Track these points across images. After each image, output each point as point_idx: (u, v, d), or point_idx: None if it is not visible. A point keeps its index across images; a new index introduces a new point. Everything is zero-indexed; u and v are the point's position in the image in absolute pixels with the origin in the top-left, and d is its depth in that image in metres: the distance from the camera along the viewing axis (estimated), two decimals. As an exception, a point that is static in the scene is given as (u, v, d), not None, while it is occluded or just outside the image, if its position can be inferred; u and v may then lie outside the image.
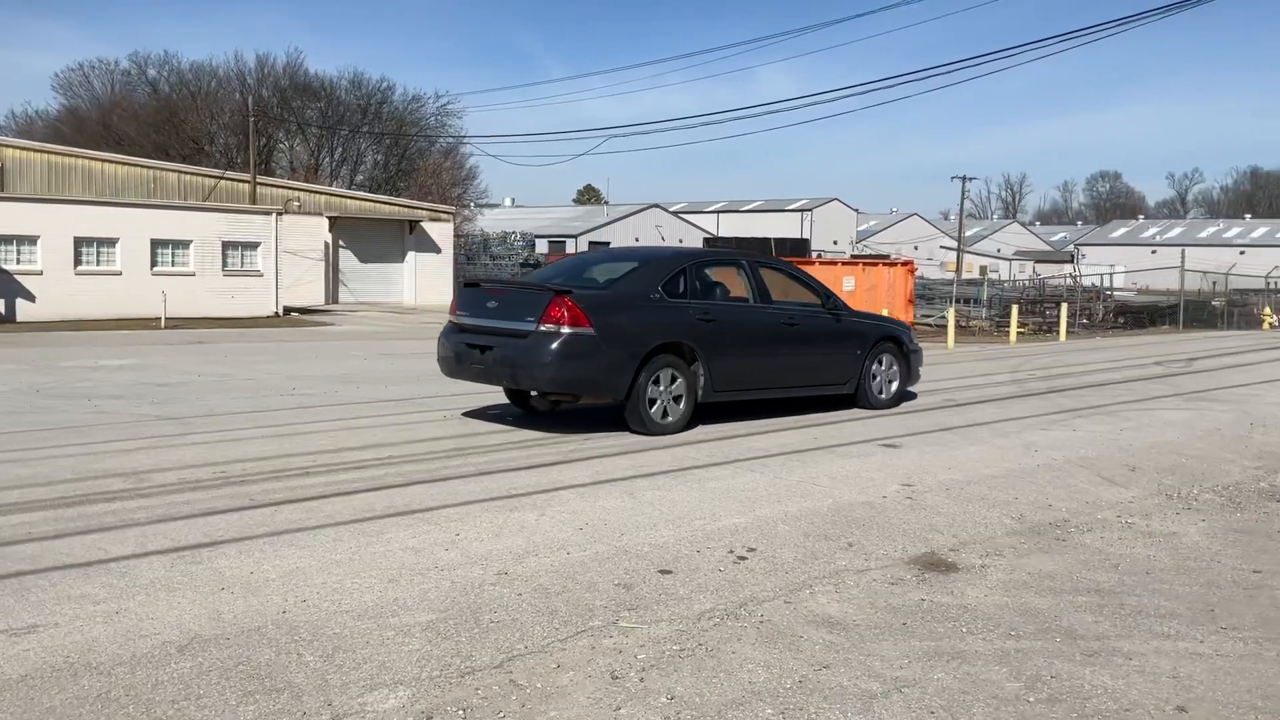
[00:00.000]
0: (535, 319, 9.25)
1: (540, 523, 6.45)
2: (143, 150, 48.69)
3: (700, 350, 9.77)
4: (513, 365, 9.43)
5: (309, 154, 59.96)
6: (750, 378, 10.42)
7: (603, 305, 9.41)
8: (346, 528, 6.23)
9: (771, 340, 10.53)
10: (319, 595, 5.01)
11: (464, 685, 4.03)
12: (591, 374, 9.28)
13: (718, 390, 10.01)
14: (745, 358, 10.30)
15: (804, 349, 10.88)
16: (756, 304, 10.60)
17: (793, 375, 10.85)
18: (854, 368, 11.41)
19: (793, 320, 10.80)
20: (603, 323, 9.24)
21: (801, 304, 11.17)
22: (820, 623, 4.83)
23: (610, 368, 9.27)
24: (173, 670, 4.09)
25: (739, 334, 10.23)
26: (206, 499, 6.89)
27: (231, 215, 32.98)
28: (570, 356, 9.13)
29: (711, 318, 9.99)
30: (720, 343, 9.97)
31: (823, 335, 11.12)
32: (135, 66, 63.24)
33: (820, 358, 11.11)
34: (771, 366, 10.59)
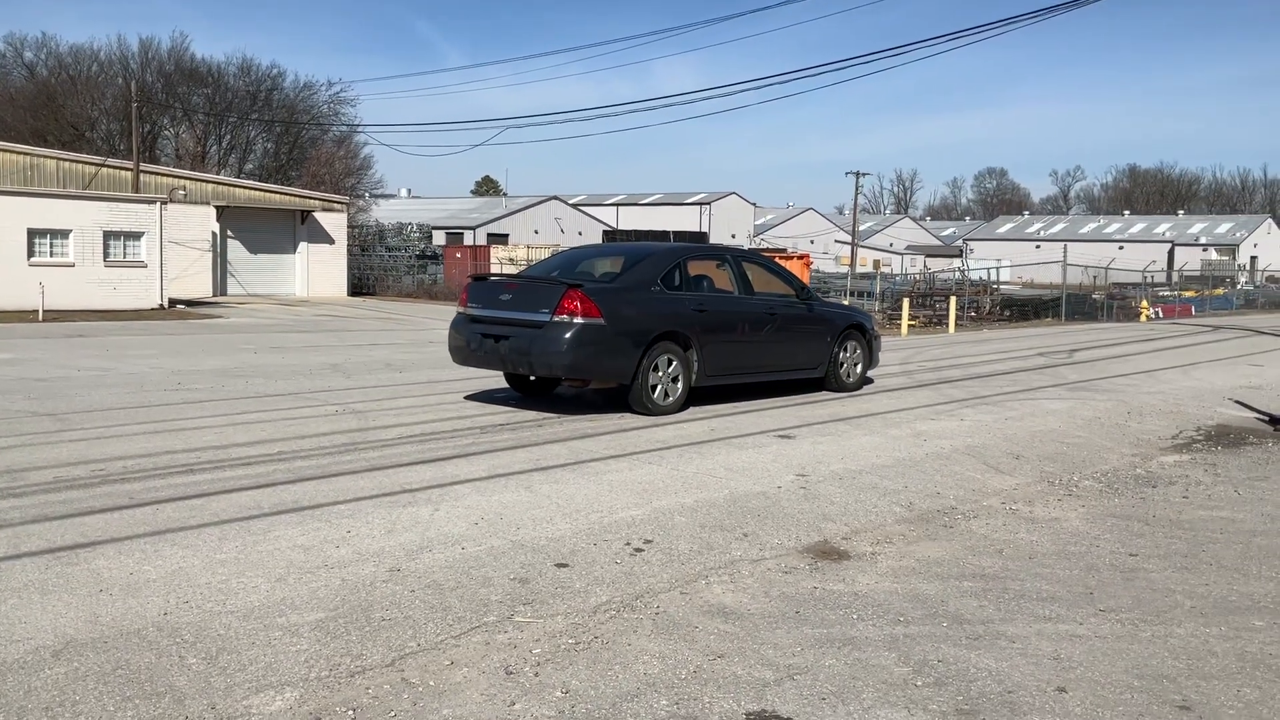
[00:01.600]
0: (550, 310, 9.99)
1: (435, 518, 6.36)
2: (19, 136, 46.60)
3: (695, 338, 10.59)
4: (528, 353, 10.11)
5: (195, 141, 58.13)
6: (737, 363, 11.27)
7: (611, 296, 10.19)
8: (232, 526, 6.05)
9: (755, 328, 11.40)
10: (203, 596, 4.85)
11: (354, 685, 3.95)
12: (602, 360, 10.06)
13: (709, 375, 10.84)
14: (733, 345, 11.14)
15: (783, 336, 11.73)
16: (741, 295, 11.49)
17: (773, 360, 11.73)
18: (825, 353, 12.35)
19: (772, 310, 11.62)
20: (612, 313, 10.00)
21: (779, 295, 11.96)
22: (715, 613, 4.86)
23: (618, 354, 10.05)
24: (47, 676, 3.92)
25: (728, 323, 11.10)
26: (84, 498, 6.62)
27: (113, 204, 31.80)
28: (583, 344, 9.88)
29: (704, 308, 10.82)
30: (712, 331, 10.80)
31: (798, 323, 11.99)
32: (10, 48, 60.58)
33: (796, 344, 11.98)
34: (755, 353, 11.45)
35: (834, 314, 12.84)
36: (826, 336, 12.37)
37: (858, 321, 13.00)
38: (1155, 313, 40.27)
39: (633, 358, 10.12)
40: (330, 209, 41.97)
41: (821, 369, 12.42)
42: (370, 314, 30.24)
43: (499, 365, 10.74)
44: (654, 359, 10.28)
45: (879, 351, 13.43)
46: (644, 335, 10.20)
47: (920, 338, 27.01)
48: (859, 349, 12.86)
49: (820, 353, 12.34)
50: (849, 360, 12.76)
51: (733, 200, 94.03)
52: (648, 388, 10.30)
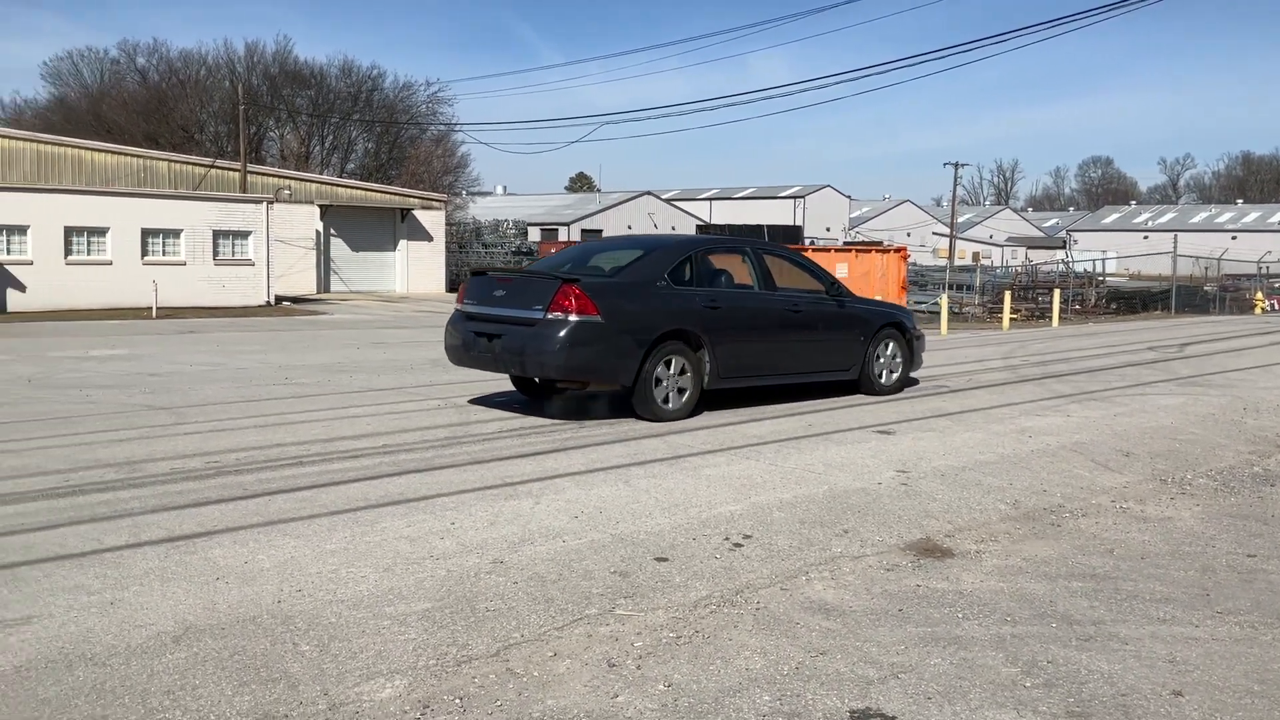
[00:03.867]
0: (544, 307, 9.33)
1: (536, 511, 6.44)
2: (133, 139, 48.45)
3: (706, 337, 9.85)
4: (521, 353, 9.48)
5: (299, 142, 59.70)
6: (756, 364, 10.50)
7: (610, 293, 9.49)
8: (341, 517, 6.21)
9: (776, 327, 10.62)
10: (314, 585, 4.99)
11: (460, 674, 4.02)
12: (599, 361, 9.37)
13: (723, 377, 10.09)
14: (750, 344, 10.38)
15: (808, 335, 10.96)
16: (761, 291, 10.70)
17: (797, 361, 10.92)
18: (858, 354, 11.49)
19: (797, 307, 10.87)
20: (610, 310, 9.32)
21: (805, 290, 11.25)
22: (816, 609, 4.82)
23: (617, 355, 9.36)
24: (168, 661, 4.07)
25: (744, 321, 10.31)
26: (200, 489, 6.86)
27: (222, 204, 32.84)
28: (578, 344, 9.20)
29: (717, 305, 10.07)
30: (726, 330, 10.04)
31: (826, 321, 11.20)
32: (124, 55, 62.96)
33: (824, 344, 11.18)
34: (776, 353, 10.67)
35: (868, 311, 11.93)
36: (859, 336, 11.50)
37: (896, 319, 12.08)
38: (1271, 305, 38.71)
39: (634, 358, 9.41)
40: (429, 207, 42.72)
41: (854, 370, 11.54)
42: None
43: (493, 365, 10.02)
44: (659, 360, 9.56)
45: (922, 352, 12.47)
46: (647, 334, 9.48)
47: (1022, 331, 26.40)
48: (897, 349, 11.93)
49: (852, 353, 11.47)
50: (886, 361, 11.84)
51: (827, 193, 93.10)
52: (652, 391, 9.57)
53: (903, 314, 12.51)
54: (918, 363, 12.41)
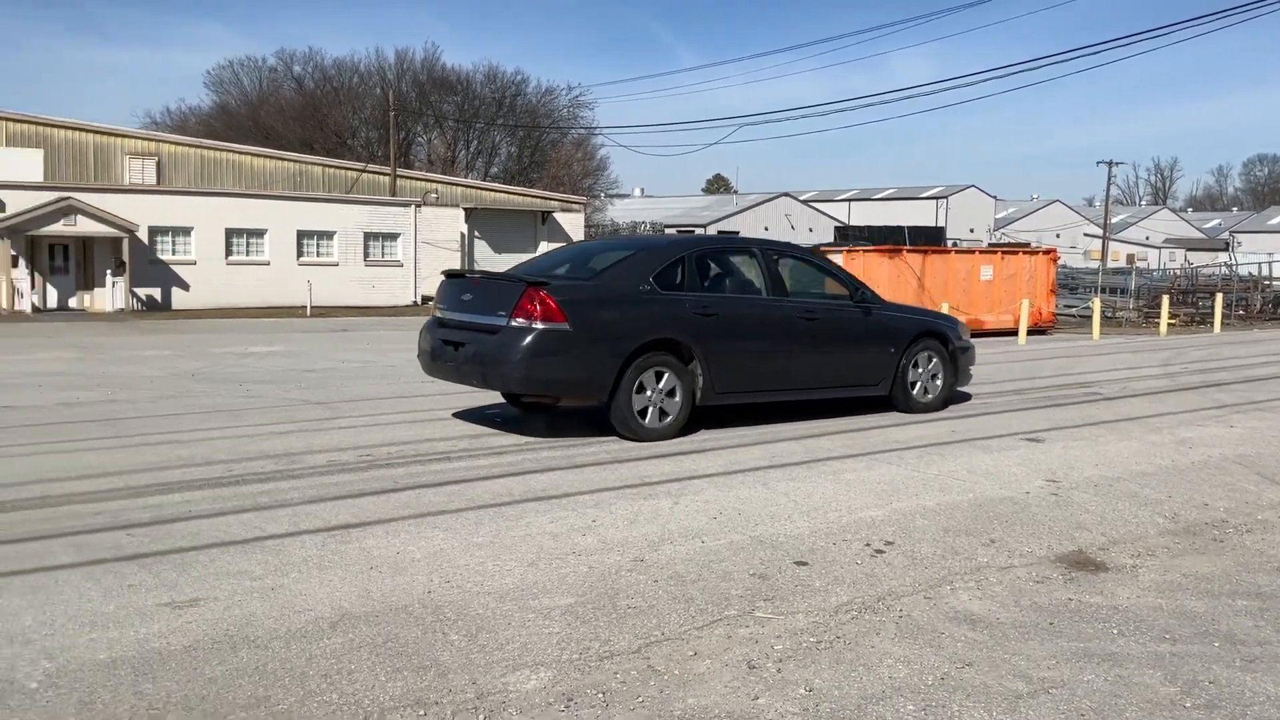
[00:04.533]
0: (507, 313, 8.48)
1: (675, 511, 6.48)
2: (289, 144, 50.61)
3: (698, 348, 8.88)
4: (483, 363, 8.63)
5: (446, 147, 61.40)
6: (759, 378, 9.51)
7: (581, 298, 8.62)
8: (486, 511, 6.37)
9: (785, 336, 9.56)
10: (462, 576, 5.14)
11: (603, 669, 4.08)
12: (566, 374, 8.51)
13: (720, 392, 9.13)
14: (753, 356, 9.38)
15: (826, 346, 9.87)
16: (769, 296, 9.63)
17: (812, 375, 9.84)
18: (887, 367, 10.33)
19: (811, 314, 9.81)
20: (580, 317, 8.43)
21: (825, 296, 10.30)
22: (962, 619, 4.72)
23: (588, 367, 8.46)
24: (325, 645, 4.25)
25: (745, 329, 9.32)
26: (354, 481, 7.14)
27: (373, 207, 34.03)
28: (542, 354, 8.35)
29: (711, 312, 9.04)
30: (722, 339, 9.08)
31: (848, 331, 10.11)
32: (281, 63, 65.80)
33: (845, 355, 10.10)
34: (785, 365, 9.61)
35: (901, 320, 10.67)
36: (889, 347, 10.32)
37: (936, 329, 10.80)
38: None
39: (609, 370, 8.47)
40: (569, 209, 43.38)
41: (884, 385, 10.35)
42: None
43: (456, 376, 9.17)
44: (640, 372, 8.61)
45: (970, 365, 11.18)
46: (624, 344, 8.53)
47: (1181, 337, 25.24)
48: (939, 362, 10.68)
49: (880, 366, 10.29)
50: (924, 375, 10.60)
51: (971, 193, 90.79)
52: (631, 407, 8.60)
53: (944, 323, 11.18)
54: (965, 377, 11.19)
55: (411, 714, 3.66)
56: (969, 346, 11.17)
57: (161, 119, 65.83)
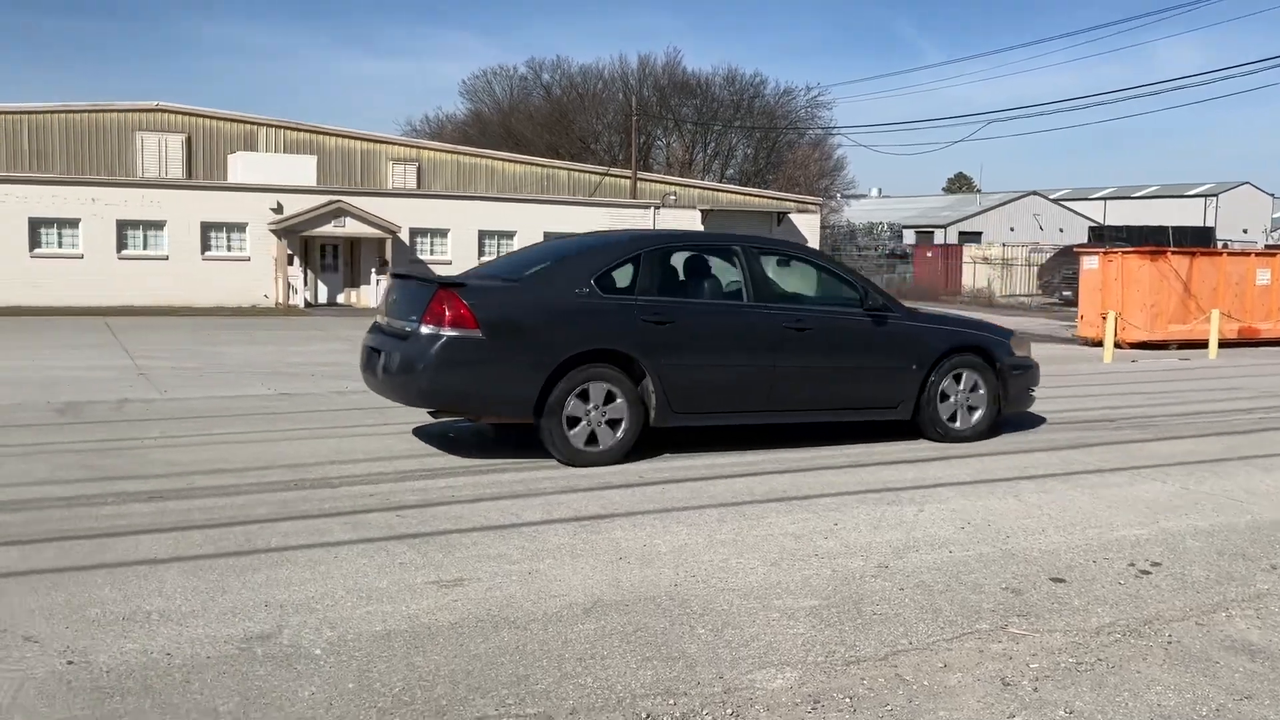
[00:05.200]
0: (418, 318, 7.61)
1: (919, 518, 6.35)
2: (536, 150, 52.67)
3: (648, 360, 7.69)
4: (390, 373, 7.76)
5: (684, 149, 62.26)
6: (730, 397, 8.18)
7: (501, 301, 7.69)
8: (728, 510, 6.45)
9: (765, 349, 8.15)
10: (706, 572, 5.22)
11: (849, 674, 4.05)
12: (478, 387, 7.48)
13: (679, 412, 7.88)
14: (720, 371, 8.06)
15: (821, 360, 8.41)
16: (749, 302, 8.24)
17: (803, 394, 8.43)
18: (908, 386, 8.74)
19: (801, 323, 8.29)
20: (494, 324, 7.45)
21: (828, 303, 8.79)
22: (1239, 649, 4.40)
23: (504, 380, 7.45)
24: (579, 630, 4.43)
25: (709, 340, 8.02)
26: (602, 474, 7.37)
27: (614, 209, 34.96)
28: (448, 365, 7.39)
29: (665, 319, 7.83)
30: (679, 351, 7.84)
31: (852, 343, 8.61)
32: (531, 72, 68.46)
33: (849, 372, 8.59)
34: (766, 383, 8.21)
35: (928, 331, 8.96)
36: (910, 363, 8.72)
37: (976, 343, 9.07)
38: None
39: (531, 385, 7.42)
40: (804, 210, 43.09)
41: (904, 408, 8.77)
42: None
43: (376, 387, 8.22)
44: (573, 387, 7.51)
45: (1031, 385, 9.45)
46: (551, 355, 7.46)
47: None
48: (980, 383, 8.97)
49: (898, 385, 8.72)
50: (960, 397, 8.91)
51: (1244, 191, 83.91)
52: (563, 427, 7.51)
53: (989, 336, 9.29)
54: (1019, 401, 9.40)
55: (661, 703, 3.76)
56: (1027, 365, 9.39)
57: (421, 127, 69.84)
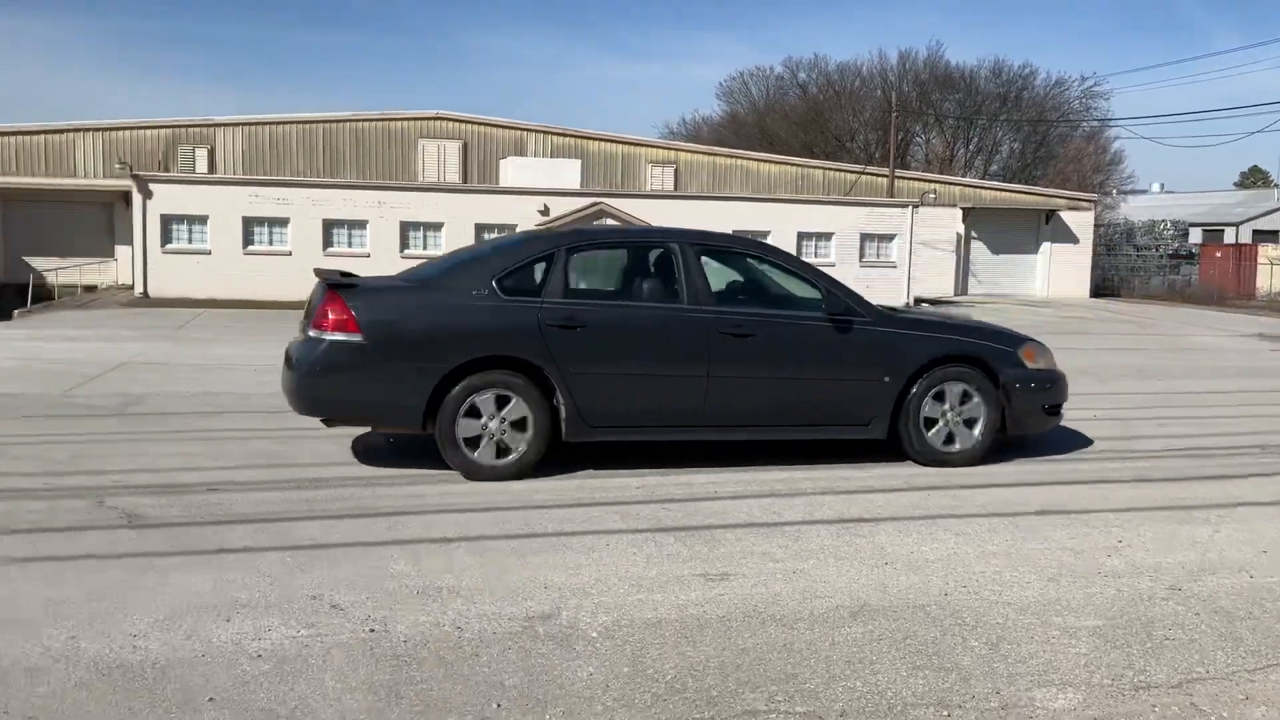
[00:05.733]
0: (309, 321, 7.22)
1: (1215, 539, 5.89)
2: (791, 149, 52.49)
3: (554, 368, 7.07)
4: (283, 380, 7.39)
5: (944, 146, 60.34)
6: (655, 410, 7.37)
7: (383, 305, 7.16)
8: (1000, 520, 6.22)
9: (696, 357, 7.29)
10: (978, 583, 5.06)
11: (1138, 699, 3.83)
12: (359, 395, 6.99)
13: (595, 425, 7.23)
14: (643, 381, 7.29)
15: (766, 370, 7.47)
16: (683, 305, 7.40)
17: (746, 408, 7.53)
18: (880, 400, 7.63)
19: (741, 328, 7.38)
20: (377, 328, 6.96)
21: (777, 305, 7.80)
22: None
23: (387, 388, 6.98)
24: (846, 633, 4.40)
25: (629, 347, 7.29)
26: (864, 478, 7.28)
27: (870, 209, 34.36)
28: (328, 371, 6.98)
29: (576, 323, 7.14)
30: (593, 359, 7.17)
31: (807, 351, 7.58)
32: (788, 71, 68.23)
33: (803, 384, 7.58)
34: (698, 394, 7.34)
35: (907, 338, 7.72)
36: (882, 374, 7.58)
37: (970, 352, 7.81)
38: None
39: (419, 393, 6.90)
40: (1076, 207, 40.80)
41: (878, 426, 7.65)
42: (1113, 316, 28.82)
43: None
44: (468, 397, 6.96)
45: (1051, 403, 8.02)
46: (441, 362, 6.92)
47: None
48: (977, 399, 7.72)
49: (868, 399, 7.61)
50: (949, 415, 7.71)
51: None
52: (456, 438, 6.97)
53: (986, 344, 7.96)
54: (1028, 421, 7.99)
55: (935, 714, 3.68)
56: (1043, 380, 7.99)
57: (678, 129, 71.12)
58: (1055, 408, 8.10)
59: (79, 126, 36.97)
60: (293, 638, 4.21)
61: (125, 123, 37.24)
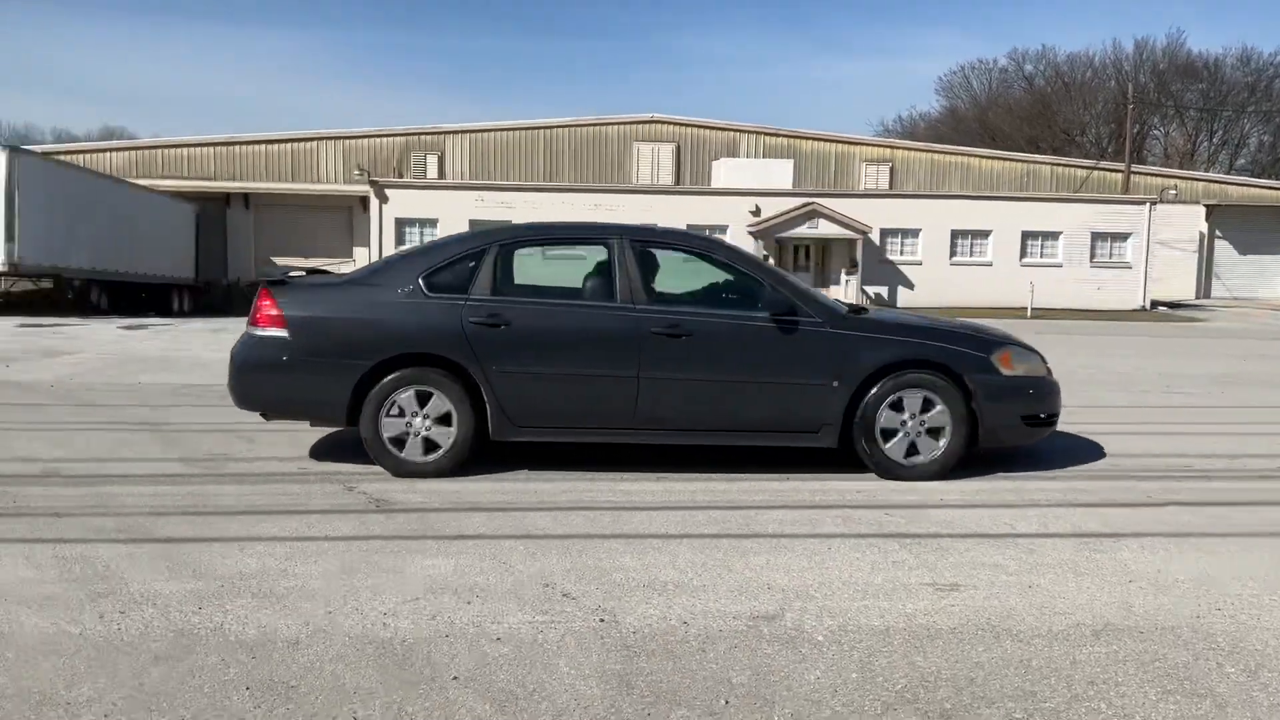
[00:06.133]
0: (250, 318, 7.33)
1: None
2: (1015, 145, 50.47)
3: (477, 367, 7.03)
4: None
5: (1185, 139, 56.58)
6: (583, 410, 7.19)
7: (310, 302, 7.19)
8: (1260, 540, 5.78)
9: (627, 357, 7.10)
10: (1234, 606, 4.73)
11: None
12: (285, 391, 7.13)
13: (520, 425, 7.14)
14: (569, 381, 7.13)
15: (703, 372, 7.14)
16: (618, 303, 7.19)
17: (682, 412, 7.20)
18: (829, 407, 7.18)
19: (676, 328, 7.10)
20: (302, 325, 7.06)
21: (720, 305, 7.45)
22: None
23: (312, 384, 7.06)
24: (1088, 652, 4.19)
25: (554, 346, 7.12)
26: (1102, 489, 6.93)
27: (1102, 206, 32.62)
28: (258, 367, 7.13)
29: (501, 322, 7.07)
30: (515, 357, 7.07)
31: (747, 353, 7.19)
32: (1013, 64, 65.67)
33: (743, 387, 7.19)
34: (629, 396, 7.13)
35: (859, 340, 7.21)
36: (830, 379, 7.14)
37: (931, 357, 7.21)
38: None
39: (341, 389, 6.96)
40: (1338, 204, 37.48)
41: (827, 434, 7.21)
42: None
43: None
44: (390, 394, 6.98)
45: (1031, 415, 7.37)
46: (363, 358, 6.98)
47: None
48: (941, 407, 7.17)
49: (817, 405, 7.17)
50: (910, 424, 7.19)
51: None
52: (380, 435, 6.99)
53: (951, 348, 7.30)
54: (1002, 432, 7.37)
55: (1189, 742, 3.47)
56: (1019, 387, 7.36)
57: (893, 126, 69.64)
58: (1039, 418, 7.43)
59: (322, 135, 39.57)
60: (529, 623, 4.38)
61: (363, 131, 39.60)
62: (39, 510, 5.98)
